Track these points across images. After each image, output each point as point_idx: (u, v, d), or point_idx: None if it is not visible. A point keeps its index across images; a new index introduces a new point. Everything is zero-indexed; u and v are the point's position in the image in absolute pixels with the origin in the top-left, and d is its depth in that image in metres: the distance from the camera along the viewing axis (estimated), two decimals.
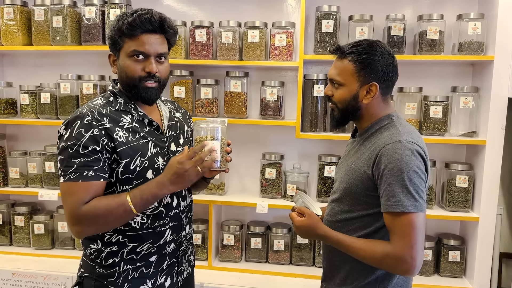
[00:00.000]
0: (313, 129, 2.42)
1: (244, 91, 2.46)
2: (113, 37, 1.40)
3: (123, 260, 1.46)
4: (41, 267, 2.48)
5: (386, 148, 1.30)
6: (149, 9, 1.41)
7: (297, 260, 2.53)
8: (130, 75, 1.41)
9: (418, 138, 1.35)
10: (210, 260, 2.50)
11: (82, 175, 1.33)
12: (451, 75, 2.48)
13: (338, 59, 1.42)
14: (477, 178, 2.33)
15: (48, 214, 2.72)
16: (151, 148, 1.44)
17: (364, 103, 1.39)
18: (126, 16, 1.38)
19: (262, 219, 2.67)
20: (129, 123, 1.43)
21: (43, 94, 2.59)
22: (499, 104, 2.21)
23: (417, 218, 1.26)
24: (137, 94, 1.44)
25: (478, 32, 2.24)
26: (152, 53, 1.40)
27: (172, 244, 1.52)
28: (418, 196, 1.27)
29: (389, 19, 2.33)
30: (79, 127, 1.35)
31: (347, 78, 1.39)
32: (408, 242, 1.26)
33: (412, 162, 1.27)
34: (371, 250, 1.32)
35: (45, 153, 2.63)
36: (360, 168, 1.38)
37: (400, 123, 1.40)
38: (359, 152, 1.42)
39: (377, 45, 1.39)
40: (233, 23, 2.41)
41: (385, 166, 1.29)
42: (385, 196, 1.29)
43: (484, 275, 2.30)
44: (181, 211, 1.55)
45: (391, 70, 1.39)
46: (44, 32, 2.53)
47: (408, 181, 1.26)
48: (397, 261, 1.27)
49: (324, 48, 2.34)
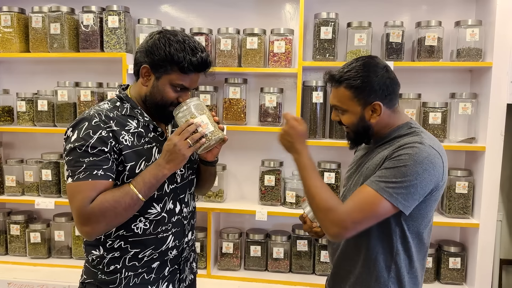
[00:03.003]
0: (312, 136, 2.42)
1: (243, 98, 2.45)
2: (163, 60, 1.38)
3: (125, 266, 1.45)
4: (38, 276, 2.44)
5: (406, 145, 1.29)
6: (204, 48, 1.42)
7: (296, 268, 2.51)
8: (166, 100, 1.43)
9: (439, 146, 1.33)
10: (209, 269, 2.47)
11: (92, 174, 1.33)
12: (450, 82, 2.49)
13: (334, 87, 1.41)
14: (476, 184, 2.32)
15: (44, 222, 2.69)
16: (155, 153, 1.45)
17: (372, 122, 1.38)
18: (187, 51, 1.37)
19: (261, 226, 2.66)
20: (135, 127, 1.44)
21: (40, 102, 2.57)
22: (498, 110, 2.21)
23: (382, 205, 1.25)
24: (160, 114, 1.47)
25: (476, 38, 2.25)
26: (192, 88, 1.46)
27: (174, 251, 1.52)
28: (404, 190, 1.24)
29: (388, 26, 2.34)
30: (86, 129, 1.35)
31: (348, 103, 1.38)
32: (355, 216, 1.26)
33: (422, 164, 1.25)
34: (322, 196, 1.31)
35: (42, 161, 2.60)
36: (373, 168, 1.36)
37: (421, 130, 1.38)
38: (375, 156, 1.40)
39: (370, 63, 1.36)
40: (232, 30, 2.41)
41: (396, 155, 1.28)
42: (376, 174, 1.30)
43: (485, 282, 2.29)
44: (184, 217, 1.54)
45: (389, 84, 1.36)
46: (41, 39, 2.52)
47: (404, 176, 1.24)
48: (335, 221, 1.28)
49: (323, 55, 2.35)
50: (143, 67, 1.41)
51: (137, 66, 1.45)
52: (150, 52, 1.39)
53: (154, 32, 1.43)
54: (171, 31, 1.42)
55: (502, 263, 2.55)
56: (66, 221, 2.65)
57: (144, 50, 1.41)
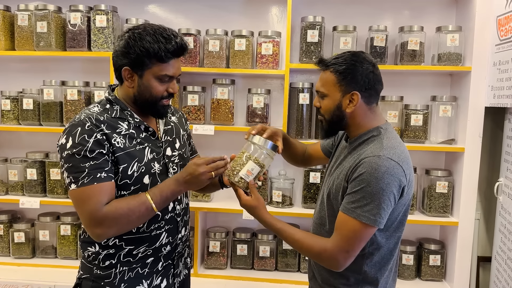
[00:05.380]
0: (299, 136, 2.46)
1: (231, 99, 2.48)
2: (141, 57, 1.38)
3: (120, 262, 1.48)
4: (22, 276, 2.43)
5: (365, 160, 1.33)
6: (177, 33, 1.43)
7: (282, 266, 2.55)
8: (155, 95, 1.44)
9: (400, 154, 1.35)
10: (195, 268, 2.49)
11: (96, 178, 1.34)
12: (431, 85, 2.57)
13: (322, 71, 1.46)
14: (456, 184, 2.41)
15: (29, 222, 2.66)
16: (148, 154, 1.47)
17: (348, 112, 1.42)
18: (161, 41, 1.37)
19: (247, 226, 2.69)
20: (126, 129, 1.45)
21: (26, 100, 2.55)
22: (477, 113, 2.30)
23: (365, 230, 1.32)
24: (153, 110, 1.49)
25: (456, 44, 2.34)
26: (177, 75, 1.47)
27: (168, 247, 1.55)
28: (376, 211, 1.30)
29: (372, 30, 2.41)
30: (81, 133, 1.36)
31: (330, 88, 1.42)
32: (346, 247, 1.33)
33: (383, 179, 1.29)
34: (308, 244, 1.39)
35: (26, 160, 2.58)
36: (342, 177, 1.42)
37: (387, 136, 1.41)
38: (346, 160, 1.45)
39: (358, 55, 1.42)
40: (220, 32, 2.44)
41: (358, 175, 1.33)
42: (347, 199, 1.35)
43: (464, 278, 2.38)
44: (177, 214, 1.57)
45: (372, 78, 1.40)
46: (27, 37, 2.50)
47: (372, 196, 1.29)
48: (332, 260, 1.36)
49: (309, 58, 2.40)
50: (124, 70, 1.41)
51: (117, 71, 1.45)
52: (125, 53, 1.39)
53: (123, 33, 1.43)
54: (139, 26, 1.42)
55: (479, 260, 2.64)
56: (51, 221, 2.63)
57: (119, 53, 1.41)
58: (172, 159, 1.55)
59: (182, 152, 1.62)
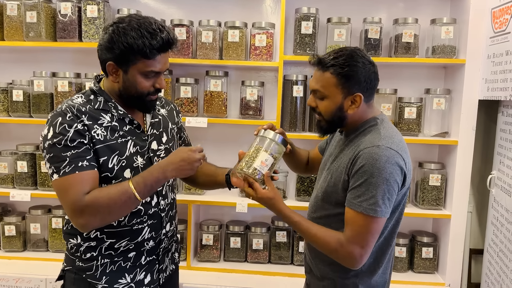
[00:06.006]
0: (293, 129, 2.45)
1: (224, 91, 2.46)
2: (125, 52, 1.33)
3: (101, 254, 1.47)
4: (13, 270, 2.40)
5: (364, 151, 1.32)
6: (164, 26, 1.38)
7: (275, 259, 2.55)
8: (141, 91, 1.41)
9: (399, 143, 1.35)
10: (188, 260, 2.48)
11: (77, 166, 1.32)
12: (425, 78, 2.57)
13: (319, 71, 1.40)
14: (449, 177, 2.42)
15: (19, 215, 2.63)
16: (130, 147, 1.44)
17: (349, 113, 1.40)
18: (145, 36, 1.32)
19: (240, 218, 2.68)
20: (108, 121, 1.42)
21: (15, 92, 2.51)
22: (470, 105, 2.30)
23: (376, 222, 1.31)
24: (139, 105, 1.46)
25: (450, 36, 2.33)
26: (164, 70, 1.42)
27: (151, 242, 1.52)
28: (382, 202, 1.29)
29: (366, 22, 2.39)
30: (61, 124, 1.34)
31: (330, 90, 1.38)
32: (360, 242, 1.32)
33: (385, 169, 1.28)
34: (325, 239, 1.37)
35: (17, 152, 2.54)
36: (341, 170, 1.40)
37: (383, 126, 1.40)
38: (343, 153, 1.44)
39: (358, 55, 1.38)
40: (213, 23, 2.41)
41: (359, 167, 1.31)
42: (353, 193, 1.33)
43: (456, 270, 2.39)
44: (161, 209, 1.54)
45: (373, 78, 1.39)
46: (17, 27, 2.45)
47: (376, 186, 1.28)
48: (348, 256, 1.34)
49: (303, 49, 2.38)
50: (108, 65, 1.38)
51: (102, 64, 1.41)
52: (109, 48, 1.35)
53: (107, 26, 1.39)
54: (123, 19, 1.37)
55: (471, 253, 2.66)
56: (42, 214, 2.60)
57: (103, 47, 1.37)
58: (157, 153, 1.52)
59: (169, 146, 1.59)
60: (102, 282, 1.46)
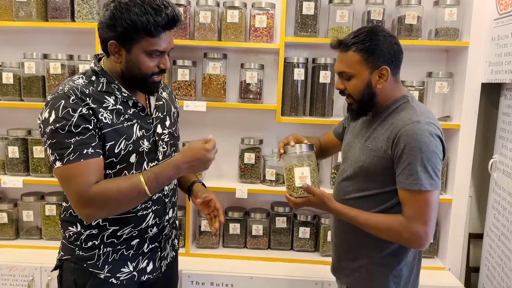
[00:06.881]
0: (293, 113, 2.40)
1: (223, 74, 2.39)
2: (128, 30, 1.26)
3: (103, 243, 1.41)
4: (6, 258, 2.33)
5: (406, 128, 1.33)
6: (168, 2, 1.30)
7: (275, 245, 2.52)
8: (145, 72, 1.34)
9: (434, 119, 1.39)
10: (187, 247, 2.44)
11: (82, 154, 1.25)
12: (426, 61, 2.53)
13: (341, 52, 1.42)
14: (450, 161, 2.40)
15: (11, 202, 2.55)
16: (137, 131, 1.38)
17: (378, 88, 1.41)
18: (150, 12, 1.24)
19: (240, 204, 2.64)
20: (113, 104, 1.35)
21: (5, 74, 2.41)
22: (473, 89, 2.27)
23: (433, 196, 1.33)
24: (143, 87, 1.39)
25: (454, 18, 2.29)
26: (169, 49, 1.36)
27: (155, 228, 1.48)
28: (434, 175, 1.32)
29: (369, 3, 2.34)
30: (64, 107, 1.26)
31: (356, 67, 1.39)
32: (423, 219, 1.33)
33: (431, 142, 1.31)
34: (387, 226, 1.37)
35: (7, 137, 2.45)
36: (379, 148, 1.40)
37: (416, 103, 1.43)
38: (376, 133, 1.44)
39: (377, 29, 1.41)
40: (211, 2, 2.33)
41: (404, 145, 1.32)
42: (404, 174, 1.33)
43: (456, 255, 2.39)
44: (165, 195, 1.50)
45: (396, 49, 1.41)
46: (6, 6, 2.35)
47: (426, 160, 1.30)
48: (413, 236, 1.33)
49: (305, 31, 2.32)
50: (110, 44, 1.30)
51: (103, 44, 1.33)
52: (111, 26, 1.27)
53: (108, 1, 1.30)
54: None
55: (470, 237, 2.66)
56: (34, 201, 2.53)
57: (105, 25, 1.29)
58: (162, 137, 1.47)
59: (172, 130, 1.54)
60: (105, 271, 1.41)
